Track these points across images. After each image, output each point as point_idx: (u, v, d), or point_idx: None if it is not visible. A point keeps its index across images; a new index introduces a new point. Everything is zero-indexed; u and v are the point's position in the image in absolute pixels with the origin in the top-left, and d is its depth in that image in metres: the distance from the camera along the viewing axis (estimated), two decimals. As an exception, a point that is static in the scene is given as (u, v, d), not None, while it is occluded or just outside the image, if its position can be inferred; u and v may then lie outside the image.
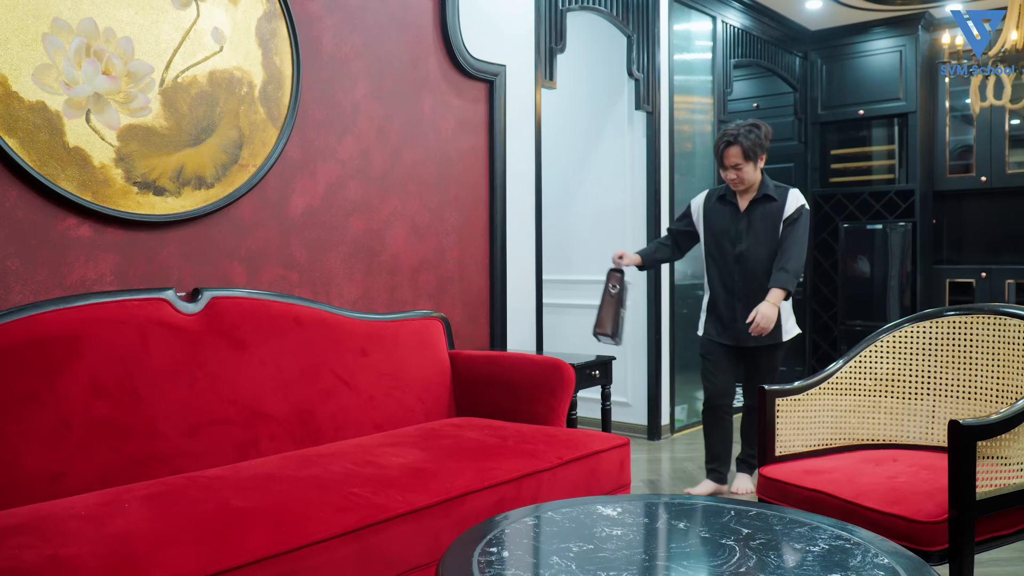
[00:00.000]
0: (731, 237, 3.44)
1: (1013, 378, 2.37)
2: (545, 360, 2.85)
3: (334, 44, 2.93)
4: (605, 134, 4.94)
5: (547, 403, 2.78)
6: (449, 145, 3.40)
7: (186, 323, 2.33)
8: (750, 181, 3.36)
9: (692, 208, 3.61)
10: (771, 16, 5.74)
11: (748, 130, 3.32)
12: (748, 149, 3.29)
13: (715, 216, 3.50)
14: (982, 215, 6.18)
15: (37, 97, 2.15)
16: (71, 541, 1.59)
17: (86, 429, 2.05)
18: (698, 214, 3.56)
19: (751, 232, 3.40)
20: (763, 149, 3.34)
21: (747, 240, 3.40)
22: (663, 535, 1.67)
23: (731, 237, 3.44)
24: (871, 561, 1.46)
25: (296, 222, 2.81)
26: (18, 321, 2.02)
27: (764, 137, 3.35)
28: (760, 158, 3.34)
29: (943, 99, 6.09)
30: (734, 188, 3.41)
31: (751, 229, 3.40)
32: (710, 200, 3.55)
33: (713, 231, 3.50)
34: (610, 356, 3.60)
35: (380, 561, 1.83)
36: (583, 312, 4.78)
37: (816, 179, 6.46)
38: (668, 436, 4.81)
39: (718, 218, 3.49)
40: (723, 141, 3.35)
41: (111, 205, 2.31)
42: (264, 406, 2.42)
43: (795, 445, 2.46)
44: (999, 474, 2.01)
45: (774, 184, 3.43)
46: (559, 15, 3.94)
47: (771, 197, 3.38)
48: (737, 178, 3.35)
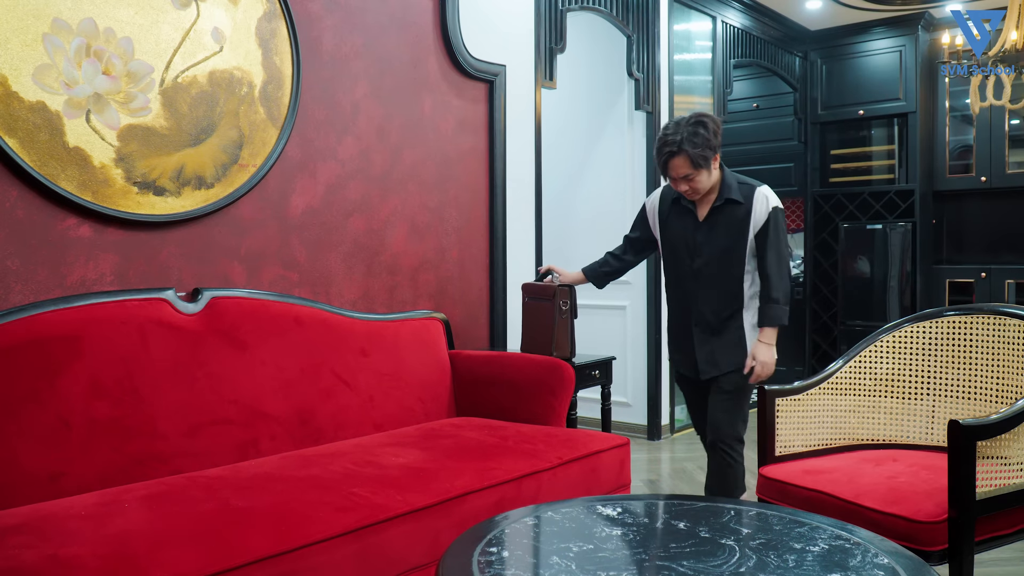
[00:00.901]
0: (689, 249, 2.79)
1: (1013, 378, 2.37)
2: (545, 360, 2.84)
3: (334, 44, 2.93)
4: (605, 134, 4.94)
5: (547, 403, 2.78)
6: (449, 145, 3.40)
7: (186, 323, 2.33)
8: (706, 187, 2.69)
9: (647, 211, 2.96)
10: (771, 16, 5.74)
11: (692, 132, 2.62)
12: (696, 157, 2.61)
13: (671, 223, 2.85)
14: (982, 215, 6.18)
15: (37, 97, 2.15)
16: (71, 541, 1.59)
17: (86, 429, 2.05)
18: (654, 218, 2.92)
19: (710, 244, 2.74)
20: (715, 149, 2.65)
21: (706, 254, 2.75)
22: (663, 535, 1.67)
23: (689, 249, 2.79)
24: (871, 561, 1.46)
25: (296, 222, 2.81)
26: (18, 321, 2.02)
27: (714, 134, 2.65)
28: (714, 160, 2.67)
29: (943, 99, 6.09)
30: (689, 199, 2.76)
31: (710, 241, 2.74)
32: (665, 202, 2.88)
33: (669, 241, 2.87)
34: (610, 356, 3.59)
35: (380, 561, 1.83)
36: (583, 312, 4.78)
37: (816, 179, 6.46)
38: (668, 436, 4.81)
39: (674, 226, 2.84)
40: (664, 152, 2.65)
41: (111, 205, 2.31)
42: (264, 406, 2.42)
43: (795, 445, 2.46)
44: (999, 474, 2.01)
45: (738, 182, 2.75)
46: (559, 15, 3.94)
47: (735, 200, 2.70)
48: (691, 189, 2.69)
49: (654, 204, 2.93)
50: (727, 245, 2.72)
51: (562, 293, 3.18)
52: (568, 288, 3.20)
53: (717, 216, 2.74)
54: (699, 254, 2.76)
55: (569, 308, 3.21)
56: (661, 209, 2.89)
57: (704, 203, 2.77)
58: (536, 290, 3.29)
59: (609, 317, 4.91)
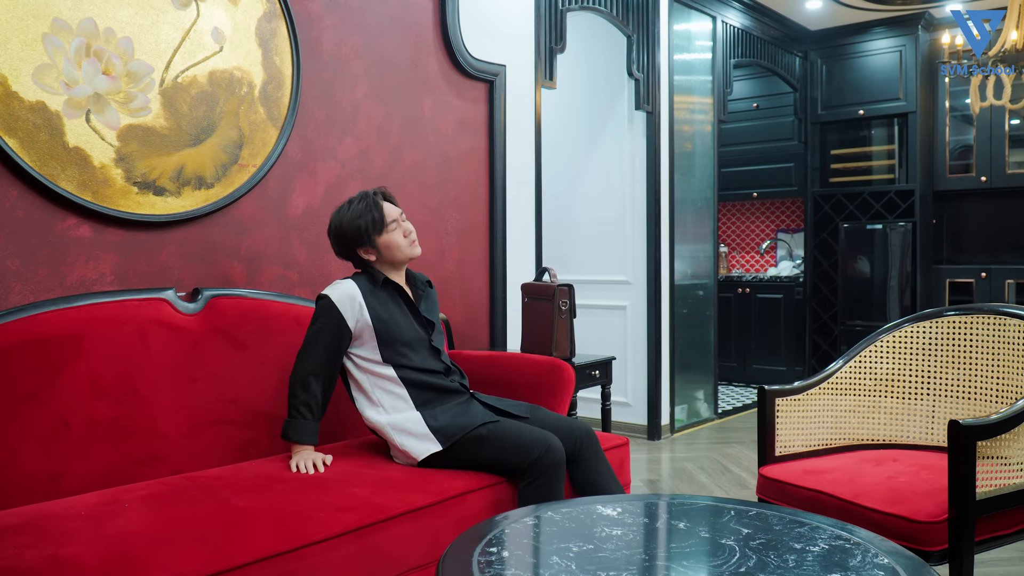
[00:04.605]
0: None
1: (1013, 378, 2.37)
2: (545, 360, 2.84)
3: (334, 44, 2.93)
4: (605, 134, 4.94)
5: (547, 403, 2.78)
6: (449, 145, 3.40)
7: (186, 323, 2.33)
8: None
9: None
10: (771, 16, 5.74)
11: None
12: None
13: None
14: (982, 215, 6.18)
15: (37, 97, 2.15)
16: (71, 541, 1.59)
17: (86, 429, 2.05)
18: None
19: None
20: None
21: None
22: (663, 535, 1.67)
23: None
24: (871, 561, 1.46)
25: (296, 222, 2.81)
26: (18, 321, 2.02)
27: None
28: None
29: (943, 99, 6.09)
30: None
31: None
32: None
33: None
34: (610, 356, 3.60)
35: (380, 561, 1.83)
36: (583, 312, 4.79)
37: (816, 179, 6.46)
38: (668, 436, 4.81)
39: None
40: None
41: (111, 205, 2.31)
42: (264, 406, 2.42)
43: (795, 445, 2.46)
44: (999, 474, 2.01)
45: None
46: (559, 15, 3.94)
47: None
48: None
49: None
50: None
51: (562, 293, 3.18)
52: (568, 288, 3.20)
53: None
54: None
55: (569, 308, 3.21)
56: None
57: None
58: (536, 290, 3.29)
59: (609, 317, 4.91)
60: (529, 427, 2.24)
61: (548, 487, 2.12)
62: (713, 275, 5.33)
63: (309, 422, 2.21)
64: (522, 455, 2.14)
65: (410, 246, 2.39)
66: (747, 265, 7.20)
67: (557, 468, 2.14)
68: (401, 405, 2.28)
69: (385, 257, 2.36)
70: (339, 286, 2.30)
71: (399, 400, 2.29)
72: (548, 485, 2.13)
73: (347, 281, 2.32)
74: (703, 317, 5.25)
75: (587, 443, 2.31)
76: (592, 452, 2.32)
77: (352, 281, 2.32)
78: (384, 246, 2.34)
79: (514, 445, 2.16)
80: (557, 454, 2.14)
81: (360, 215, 2.32)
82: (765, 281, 6.56)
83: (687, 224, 5.05)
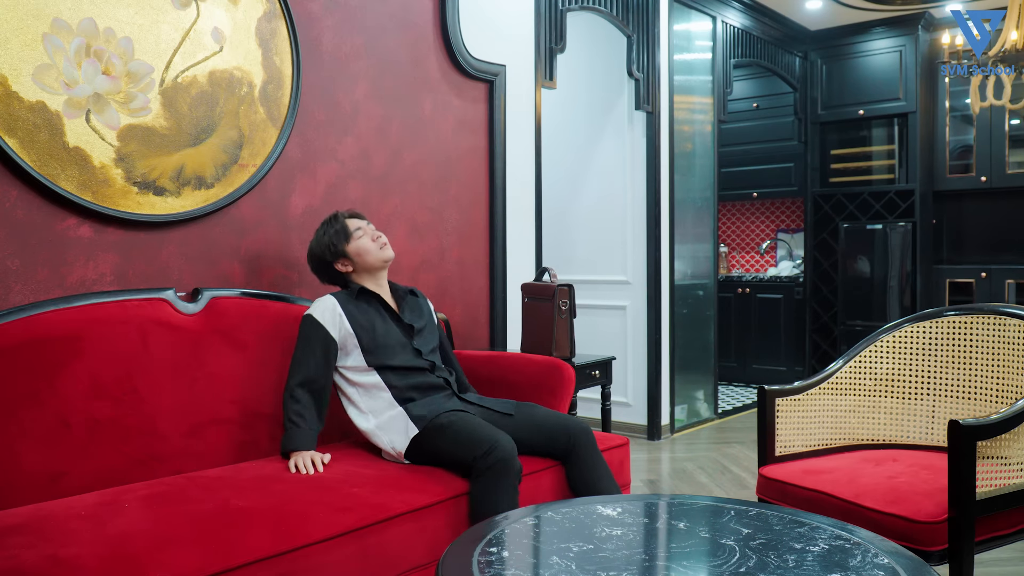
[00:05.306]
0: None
1: (1013, 378, 2.37)
2: (545, 360, 2.84)
3: (334, 44, 2.93)
4: (605, 134, 4.94)
5: (547, 403, 2.77)
6: (449, 145, 3.40)
7: (186, 323, 2.33)
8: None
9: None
10: (771, 16, 5.74)
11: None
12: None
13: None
14: (982, 215, 6.18)
15: (37, 97, 2.15)
16: (71, 541, 1.59)
17: (86, 429, 2.05)
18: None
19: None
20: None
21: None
22: (663, 535, 1.67)
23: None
24: (871, 561, 1.46)
25: (296, 222, 2.81)
26: (18, 321, 2.02)
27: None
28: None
29: (943, 99, 6.09)
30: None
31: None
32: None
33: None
34: (610, 356, 3.59)
35: (380, 561, 1.83)
36: (583, 312, 4.79)
37: (816, 179, 6.46)
38: (668, 436, 4.81)
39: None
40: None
41: (111, 205, 2.31)
42: (264, 406, 2.42)
43: (795, 445, 2.46)
44: (999, 474, 2.01)
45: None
46: (559, 15, 3.94)
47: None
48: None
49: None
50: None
51: (562, 293, 3.18)
52: (568, 288, 3.19)
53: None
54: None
55: (569, 308, 3.21)
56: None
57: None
58: (536, 290, 3.29)
59: (609, 317, 4.91)
60: (484, 423, 2.19)
61: (492, 487, 2.03)
62: (713, 275, 5.33)
63: (303, 429, 2.24)
64: (469, 450, 2.09)
65: (380, 249, 2.49)
66: (747, 265, 7.20)
67: (501, 469, 2.04)
68: (385, 406, 2.34)
69: (360, 265, 2.47)
70: (319, 302, 2.41)
71: (383, 402, 2.35)
72: (492, 485, 2.03)
73: (327, 296, 2.43)
74: (703, 317, 5.25)
75: (583, 441, 2.31)
76: (588, 450, 2.31)
77: (331, 296, 2.42)
78: (355, 253, 2.46)
79: (466, 439, 2.13)
80: (502, 453, 2.05)
81: (326, 232, 2.49)
82: (765, 281, 6.56)
83: (687, 224, 5.05)
